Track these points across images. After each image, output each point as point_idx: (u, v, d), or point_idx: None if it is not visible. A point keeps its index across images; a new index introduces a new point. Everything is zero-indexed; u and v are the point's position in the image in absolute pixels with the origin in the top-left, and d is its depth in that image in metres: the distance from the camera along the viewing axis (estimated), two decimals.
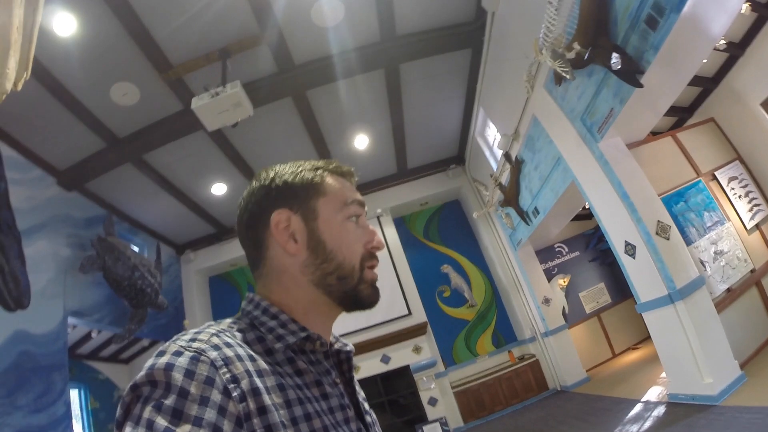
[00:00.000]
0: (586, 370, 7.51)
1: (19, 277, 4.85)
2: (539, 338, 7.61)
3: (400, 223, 9.16)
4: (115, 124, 5.54)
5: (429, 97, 6.77)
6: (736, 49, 5.87)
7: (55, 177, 5.75)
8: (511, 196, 6.89)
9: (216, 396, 0.58)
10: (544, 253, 8.52)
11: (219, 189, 7.14)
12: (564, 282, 8.12)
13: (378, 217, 8.67)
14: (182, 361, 0.59)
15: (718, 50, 5.78)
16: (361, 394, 0.89)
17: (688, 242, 5.13)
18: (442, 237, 9.08)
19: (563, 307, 7.92)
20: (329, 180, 0.86)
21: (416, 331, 7.80)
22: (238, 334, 0.72)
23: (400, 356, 7.63)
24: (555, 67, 4.34)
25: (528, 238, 7.29)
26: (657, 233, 4.69)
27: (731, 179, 5.81)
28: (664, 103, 4.76)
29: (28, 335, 4.83)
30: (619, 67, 4.15)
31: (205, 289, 8.64)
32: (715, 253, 5.22)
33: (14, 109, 4.80)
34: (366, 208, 0.91)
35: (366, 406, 0.88)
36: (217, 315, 8.10)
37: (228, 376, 0.61)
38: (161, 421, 0.53)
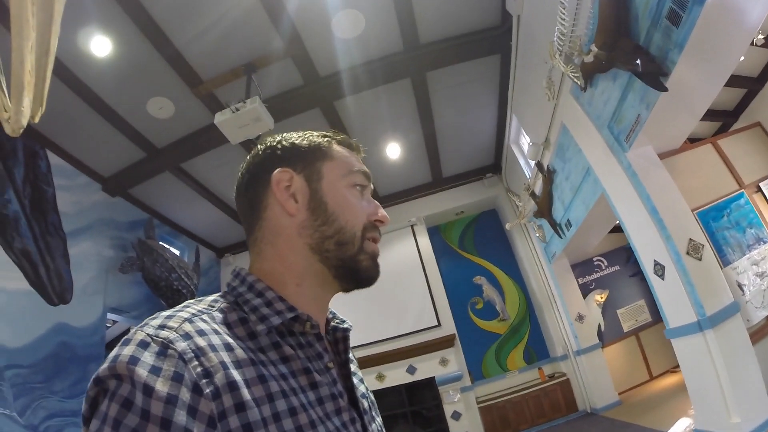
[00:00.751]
0: (620, 393, 6.80)
1: (63, 275, 5.13)
2: (571, 356, 6.97)
3: (435, 233, 8.73)
4: (153, 135, 5.65)
5: (460, 104, 6.39)
6: None
7: (101, 183, 5.92)
8: (543, 207, 6.40)
9: (185, 394, 0.50)
10: (582, 267, 7.80)
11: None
12: (601, 298, 7.42)
13: (412, 226, 8.29)
14: (147, 355, 0.51)
15: (759, 46, 5.06)
16: (357, 376, 0.79)
17: (725, 262, 4.51)
18: (478, 247, 8.55)
19: (599, 325, 7.23)
20: (337, 147, 0.81)
21: (444, 343, 7.36)
22: (218, 315, 0.63)
23: (427, 367, 7.22)
24: (567, 72, 3.94)
25: (562, 251, 6.71)
26: (688, 253, 4.13)
27: None
28: (699, 107, 4.14)
29: (68, 327, 5.06)
30: (641, 69, 3.71)
31: None
32: (756, 275, 4.54)
33: (61, 122, 5.09)
34: (371, 183, 0.83)
35: (362, 388, 0.77)
36: None
37: (199, 370, 0.52)
38: (129, 422, 0.47)
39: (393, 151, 7.04)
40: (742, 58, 5.10)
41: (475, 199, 8.40)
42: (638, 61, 3.61)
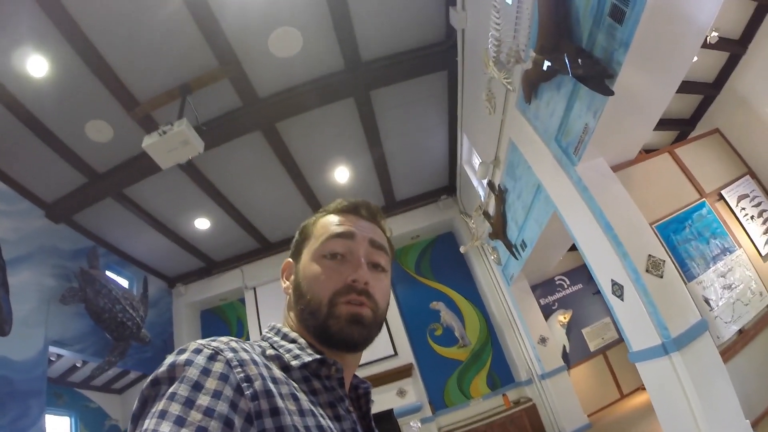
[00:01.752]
0: (590, 414, 5.91)
1: (1, 305, 4.43)
2: (536, 381, 6.03)
3: None
4: (93, 159, 4.88)
5: (409, 125, 5.66)
6: (736, 47, 4.42)
7: (43, 209, 5.12)
8: (498, 228, 5.60)
9: (228, 391, 0.51)
10: (543, 288, 6.95)
11: (202, 224, 6.23)
12: (565, 318, 6.55)
13: None
14: (200, 358, 0.53)
15: (715, 49, 4.36)
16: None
17: (690, 277, 3.74)
18: (435, 272, 7.48)
19: (564, 346, 6.37)
20: (322, 221, 0.80)
21: (401, 373, 6.35)
22: (258, 349, 0.64)
23: (384, 399, 6.16)
24: (500, 79, 3.25)
25: (520, 273, 5.89)
26: (647, 270, 3.35)
27: (741, 197, 4.33)
28: (653, 114, 3.46)
29: (7, 361, 4.39)
30: (584, 73, 3.01)
31: (196, 323, 7.44)
32: (723, 287, 3.77)
33: (5, 141, 4.40)
34: (355, 240, 0.76)
35: None
36: None
37: (242, 375, 0.53)
38: (173, 410, 0.46)
39: (342, 174, 6.19)
40: (696, 59, 4.44)
41: (430, 222, 7.41)
42: (581, 64, 2.93)
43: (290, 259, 0.80)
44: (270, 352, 0.65)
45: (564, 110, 3.52)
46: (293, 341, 0.68)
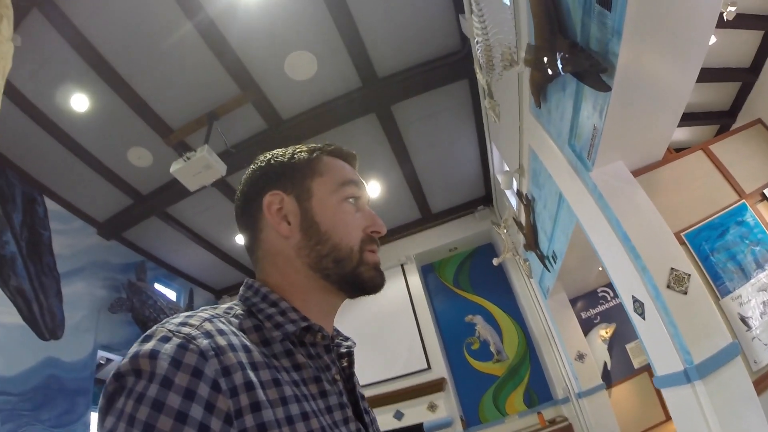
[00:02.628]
0: None
1: (55, 312, 4.91)
2: (573, 399, 5.56)
3: (429, 271, 7.43)
4: (137, 182, 5.24)
5: (436, 136, 5.51)
6: None
7: (96, 227, 5.54)
8: (530, 239, 5.28)
9: (203, 390, 0.43)
10: (584, 300, 6.41)
11: (242, 239, 6.35)
12: (607, 333, 6.00)
13: (402, 265, 7.08)
14: (168, 348, 0.45)
15: (746, 28, 3.85)
16: (360, 392, 0.69)
17: (723, 292, 3.27)
18: (473, 284, 7.11)
19: (605, 363, 5.89)
20: (326, 159, 0.72)
21: (432, 387, 6.09)
22: (234, 321, 0.56)
23: (415, 413, 5.97)
24: (483, 84, 3.06)
25: (557, 285, 5.50)
26: (668, 286, 2.98)
27: None
28: (674, 107, 3.03)
29: (58, 361, 4.81)
30: (578, 69, 2.78)
31: None
32: (764, 303, 3.27)
33: (56, 171, 4.89)
34: (367, 192, 0.73)
35: (365, 404, 0.68)
36: None
37: (218, 367, 0.46)
38: (141, 415, 0.40)
39: (373, 189, 6.11)
40: (714, 40, 3.97)
41: (467, 234, 7.08)
42: (573, 60, 2.71)
43: (279, 191, 0.67)
44: (247, 323, 0.57)
45: (572, 112, 3.25)
46: (274, 304, 0.61)
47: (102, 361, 5.48)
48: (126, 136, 4.76)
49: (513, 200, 5.72)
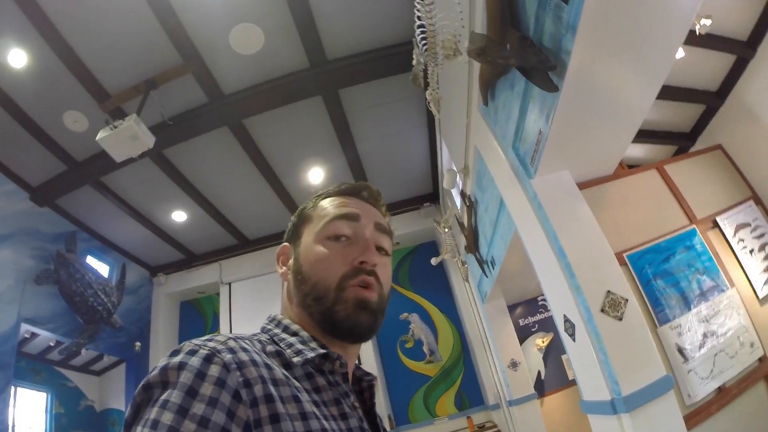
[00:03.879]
0: None
1: None
2: (503, 406, 5.01)
3: None
4: (72, 147, 4.46)
5: (385, 126, 4.88)
6: (743, 49, 3.33)
7: (28, 192, 4.74)
8: (470, 242, 4.70)
9: (225, 398, 0.42)
10: (524, 307, 5.78)
11: (179, 216, 5.67)
12: (543, 342, 5.44)
13: None
14: (195, 360, 0.44)
15: (718, 50, 3.35)
16: (382, 426, 0.66)
17: (663, 320, 2.75)
18: (412, 282, 6.41)
19: (539, 371, 5.38)
20: (323, 203, 0.69)
21: None
22: (258, 345, 0.53)
23: None
24: (418, 74, 2.47)
25: (497, 290, 4.95)
26: (603, 310, 2.44)
27: (740, 227, 3.23)
28: (631, 119, 2.52)
29: None
30: (517, 64, 2.20)
31: (174, 313, 6.70)
32: (705, 335, 2.73)
33: None
34: (365, 222, 0.66)
35: None
36: (183, 339, 6.00)
37: (240, 379, 0.44)
38: (165, 419, 0.39)
39: (316, 175, 5.40)
40: (683, 54, 3.46)
41: (411, 230, 6.31)
42: (521, 55, 2.13)
43: (287, 243, 0.69)
44: (270, 348, 0.54)
45: (519, 113, 2.68)
46: (295, 334, 0.58)
47: (27, 335, 4.70)
48: (62, 98, 4.04)
49: (458, 200, 5.13)
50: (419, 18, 2.38)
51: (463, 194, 4.44)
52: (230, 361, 0.44)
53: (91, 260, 5.38)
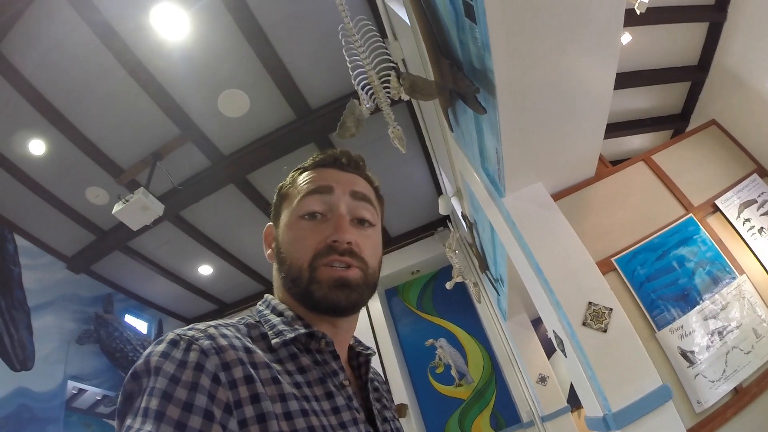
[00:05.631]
0: None
1: (26, 344, 4.69)
2: (537, 423, 4.87)
3: (393, 294, 6.62)
4: (97, 219, 4.96)
5: (384, 160, 4.99)
6: (713, 14, 3.16)
7: (65, 262, 5.25)
8: (480, 262, 4.74)
9: (205, 381, 0.43)
10: None
11: (205, 270, 6.03)
12: None
13: None
14: (175, 350, 0.46)
15: (688, 21, 3.22)
16: (382, 402, 0.62)
17: (661, 323, 2.64)
18: (436, 306, 6.33)
19: (571, 384, 5.17)
20: (299, 178, 0.67)
21: None
22: (243, 329, 0.55)
23: None
24: (356, 116, 2.57)
25: (514, 307, 4.88)
26: (585, 323, 2.39)
27: (745, 205, 2.98)
28: (592, 118, 2.47)
29: (29, 391, 4.56)
30: (457, 90, 2.29)
31: None
32: (712, 333, 2.58)
33: (23, 210, 4.69)
34: (334, 195, 0.63)
35: (387, 414, 0.62)
36: None
37: (218, 362, 0.45)
38: (153, 406, 0.41)
39: None
40: (629, 38, 3.37)
41: (428, 256, 6.29)
42: (456, 82, 2.23)
43: (271, 223, 0.69)
44: (255, 331, 0.55)
45: (476, 134, 2.75)
46: (280, 314, 0.59)
47: (75, 391, 5.14)
48: (82, 177, 4.53)
49: (464, 223, 5.16)
50: (356, 65, 2.52)
51: (464, 216, 4.47)
52: (208, 347, 0.46)
53: (129, 318, 5.82)
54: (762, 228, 2.97)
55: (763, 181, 3.13)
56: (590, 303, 2.43)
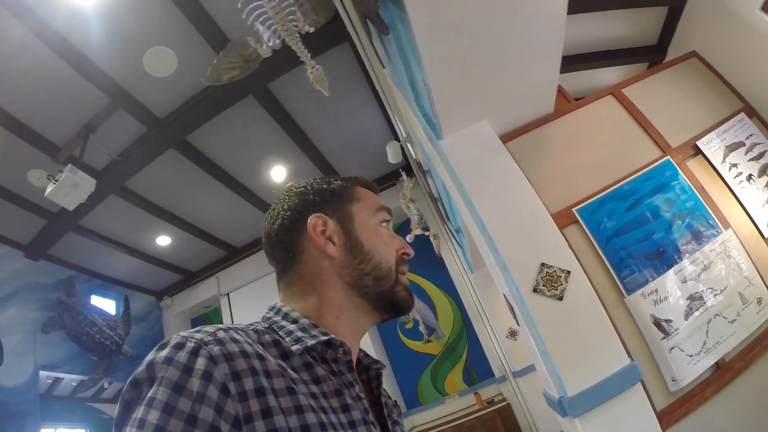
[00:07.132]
0: None
1: None
2: (510, 378, 4.40)
3: None
4: (45, 202, 4.07)
5: (332, 110, 4.28)
6: None
7: (22, 250, 4.64)
8: (440, 212, 4.08)
9: (213, 393, 0.37)
10: None
11: (163, 240, 5.39)
12: None
13: None
14: (181, 355, 0.38)
15: None
16: (392, 418, 0.56)
17: (631, 286, 1.99)
18: None
19: None
20: (361, 190, 0.64)
21: None
22: (253, 335, 0.46)
23: None
24: (245, 57, 1.85)
25: (474, 259, 4.22)
26: (536, 289, 1.78)
27: (732, 148, 2.30)
28: (545, 35, 1.72)
29: (1, 387, 4.07)
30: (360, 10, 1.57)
31: (186, 330, 6.58)
32: (692, 297, 1.95)
33: None
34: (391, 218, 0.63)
35: (398, 429, 0.57)
36: None
37: (228, 372, 0.38)
38: (152, 418, 0.34)
39: (279, 173, 4.85)
40: None
41: (392, 207, 5.32)
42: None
43: (322, 214, 0.58)
44: (267, 337, 0.47)
45: (404, 66, 2.05)
46: (295, 321, 0.51)
47: (51, 381, 4.70)
48: (20, 161, 3.85)
49: (419, 170, 4.43)
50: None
51: (417, 163, 3.76)
52: (218, 353, 0.39)
53: (96, 299, 5.30)
54: (751, 175, 2.30)
55: (750, 120, 2.45)
56: (543, 265, 1.83)
